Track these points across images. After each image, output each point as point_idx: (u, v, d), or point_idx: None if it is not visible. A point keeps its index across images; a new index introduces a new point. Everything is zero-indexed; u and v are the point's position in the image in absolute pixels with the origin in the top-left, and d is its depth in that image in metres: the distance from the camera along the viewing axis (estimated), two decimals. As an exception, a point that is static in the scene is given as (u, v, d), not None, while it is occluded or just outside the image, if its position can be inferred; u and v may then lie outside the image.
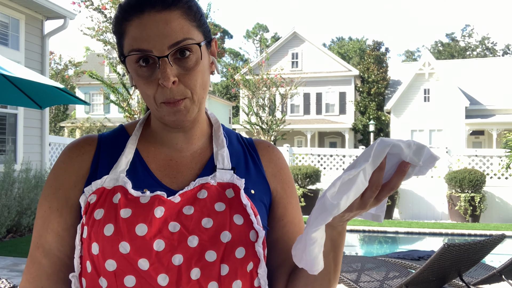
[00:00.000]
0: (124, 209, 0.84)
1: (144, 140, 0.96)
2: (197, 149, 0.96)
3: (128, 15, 0.86)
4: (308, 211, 11.96)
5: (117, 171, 0.89)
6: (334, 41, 56.79)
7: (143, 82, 0.86)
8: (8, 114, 8.56)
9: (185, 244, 0.83)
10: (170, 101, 0.85)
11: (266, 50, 21.09)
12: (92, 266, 0.84)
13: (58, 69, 21.94)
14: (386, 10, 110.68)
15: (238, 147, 1.00)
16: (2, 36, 8.40)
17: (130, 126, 1.00)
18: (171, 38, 0.83)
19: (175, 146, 0.95)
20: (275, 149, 1.03)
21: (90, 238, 0.84)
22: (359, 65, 32.44)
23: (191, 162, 0.95)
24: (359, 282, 3.89)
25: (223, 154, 0.95)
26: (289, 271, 0.97)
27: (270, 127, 17.24)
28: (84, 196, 0.88)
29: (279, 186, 1.00)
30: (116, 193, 0.86)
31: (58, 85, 4.63)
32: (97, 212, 0.85)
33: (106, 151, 0.94)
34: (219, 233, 0.84)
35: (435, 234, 9.69)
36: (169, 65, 0.83)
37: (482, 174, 11.28)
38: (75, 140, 0.96)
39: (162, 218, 0.84)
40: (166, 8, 0.84)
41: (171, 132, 0.94)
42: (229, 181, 0.91)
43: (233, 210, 0.87)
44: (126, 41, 0.86)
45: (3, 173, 7.68)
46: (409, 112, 25.61)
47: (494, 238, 3.78)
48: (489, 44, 51.18)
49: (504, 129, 22.75)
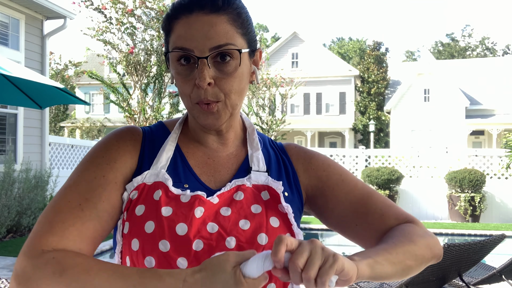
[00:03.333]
0: (165, 207, 0.85)
1: (183, 138, 0.98)
2: (233, 151, 0.98)
3: (177, 13, 0.88)
4: (308, 211, 11.96)
5: (158, 167, 0.90)
6: (334, 41, 56.78)
7: (181, 79, 0.88)
8: (8, 114, 8.56)
9: (223, 244, 0.84)
10: (204, 101, 0.86)
11: (266, 50, 21.09)
12: (131, 262, 0.85)
13: (58, 69, 21.93)
14: (386, 10, 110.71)
15: (271, 151, 1.02)
16: (2, 36, 8.40)
17: (170, 123, 1.01)
18: (214, 41, 0.85)
19: (211, 146, 0.97)
20: (302, 147, 1.05)
21: (131, 234, 0.84)
22: (359, 65, 32.43)
23: (227, 162, 0.96)
24: (359, 282, 3.89)
25: (258, 157, 0.97)
26: (382, 232, 0.94)
27: (270, 127, 17.24)
28: (126, 193, 0.88)
29: (313, 177, 0.99)
30: (157, 189, 0.87)
31: (58, 85, 4.63)
32: (139, 208, 0.86)
33: (149, 146, 0.94)
34: (256, 235, 0.85)
35: (435, 234, 9.68)
36: (207, 67, 0.85)
37: (482, 174, 11.28)
38: (122, 127, 0.96)
39: (201, 218, 0.85)
40: (214, 12, 0.86)
41: (206, 133, 0.96)
42: (264, 183, 0.93)
43: (269, 213, 0.88)
44: (172, 38, 0.88)
45: (3, 173, 7.67)
46: (409, 112, 25.60)
47: (494, 238, 3.78)
48: (489, 44, 51.16)
49: (504, 129, 22.75)
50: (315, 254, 0.67)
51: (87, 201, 0.84)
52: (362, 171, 12.33)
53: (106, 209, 0.86)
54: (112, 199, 0.87)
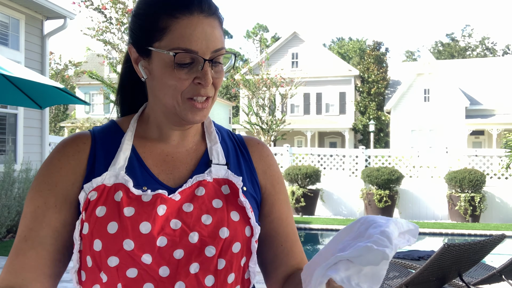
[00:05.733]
0: (128, 208, 0.86)
1: (139, 136, 0.98)
2: (192, 145, 1.00)
3: (176, 12, 0.87)
4: (308, 211, 11.97)
5: (116, 168, 0.91)
6: (334, 41, 56.79)
7: (176, 78, 0.88)
8: (8, 114, 8.56)
9: (186, 240, 0.86)
10: (201, 94, 0.89)
11: (266, 50, 21.09)
12: (93, 261, 0.86)
13: (58, 69, 21.92)
14: (386, 10, 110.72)
15: (230, 144, 1.04)
16: (2, 36, 8.40)
17: (122, 121, 1.00)
18: (215, 44, 0.88)
19: (172, 142, 0.98)
20: (264, 146, 1.07)
21: (92, 235, 0.85)
22: (359, 65, 32.45)
23: (187, 157, 0.98)
24: (359, 282, 3.88)
25: (217, 150, 0.99)
26: (283, 269, 1.00)
27: (270, 127, 17.25)
28: (84, 193, 0.89)
29: (268, 182, 1.03)
30: (117, 191, 0.88)
31: (58, 85, 4.63)
32: (99, 209, 0.86)
33: (101, 147, 0.94)
34: (218, 229, 0.88)
35: (435, 234, 9.69)
36: (210, 68, 0.88)
37: (482, 174, 11.27)
38: (68, 137, 0.96)
39: (164, 215, 0.87)
40: (211, 15, 0.89)
41: (171, 129, 0.97)
42: (224, 177, 0.95)
43: (230, 207, 0.91)
44: (169, 37, 0.87)
45: (3, 173, 7.67)
46: (409, 112, 25.61)
47: (494, 238, 3.78)
48: (489, 44, 51.19)
49: (504, 129, 22.75)
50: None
51: (30, 231, 0.89)
52: (362, 171, 12.33)
53: (48, 234, 0.89)
54: (52, 223, 0.90)
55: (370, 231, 0.73)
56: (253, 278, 0.95)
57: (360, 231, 0.76)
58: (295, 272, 0.99)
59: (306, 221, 10.61)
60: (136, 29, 0.92)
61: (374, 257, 0.69)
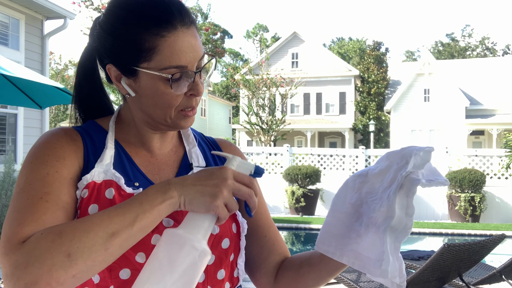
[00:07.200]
0: None
1: (120, 139, 0.97)
2: (172, 147, 1.01)
3: (160, 30, 0.84)
4: (308, 211, 11.96)
5: (103, 164, 0.89)
6: (334, 41, 56.77)
7: (170, 95, 0.87)
8: (8, 114, 8.56)
9: None
10: (193, 105, 0.90)
11: (266, 50, 21.09)
12: None
13: (58, 69, 21.93)
14: (386, 10, 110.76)
15: (205, 146, 1.06)
16: (2, 36, 8.40)
17: (102, 121, 0.99)
18: (199, 53, 0.88)
19: (153, 145, 0.98)
20: (236, 148, 1.10)
21: None
22: (359, 65, 32.45)
23: (169, 160, 0.99)
24: (359, 282, 3.89)
25: (196, 152, 1.02)
26: (273, 257, 1.04)
27: (270, 127, 17.25)
28: (78, 191, 0.87)
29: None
30: (108, 188, 0.87)
31: (58, 85, 4.63)
32: (92, 207, 0.84)
33: (89, 144, 0.93)
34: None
35: (435, 234, 9.69)
36: (199, 77, 0.89)
37: (482, 174, 11.28)
38: (57, 128, 0.93)
39: None
40: (191, 24, 0.88)
41: (151, 133, 0.97)
42: None
43: None
44: (159, 57, 0.84)
45: (3, 173, 7.68)
46: (409, 112, 25.61)
47: (494, 238, 3.78)
48: (489, 44, 51.17)
49: (504, 129, 22.74)
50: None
51: (47, 194, 0.80)
52: (362, 171, 12.31)
53: (69, 203, 0.83)
54: (72, 194, 0.84)
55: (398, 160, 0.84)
56: (241, 276, 0.97)
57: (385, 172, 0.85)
58: (285, 258, 1.04)
59: (306, 221, 10.60)
60: (116, 49, 0.87)
61: (425, 155, 0.81)
